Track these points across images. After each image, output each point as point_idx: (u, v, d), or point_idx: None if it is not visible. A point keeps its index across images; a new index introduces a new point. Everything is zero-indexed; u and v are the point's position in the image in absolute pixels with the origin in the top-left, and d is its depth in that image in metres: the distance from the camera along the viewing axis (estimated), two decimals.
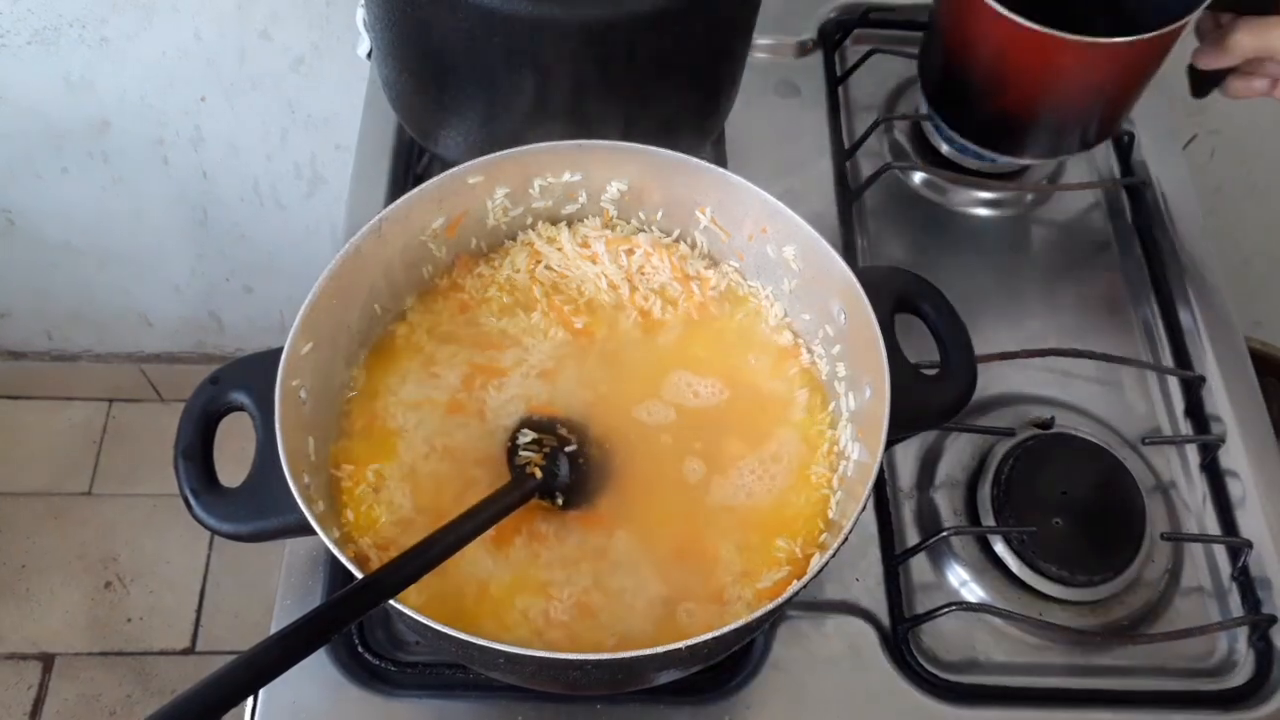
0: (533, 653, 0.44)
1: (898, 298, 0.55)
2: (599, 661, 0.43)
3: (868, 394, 0.53)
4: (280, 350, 0.50)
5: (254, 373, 0.51)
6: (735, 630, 0.43)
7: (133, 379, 1.57)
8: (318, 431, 0.53)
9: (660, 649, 0.42)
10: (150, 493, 1.54)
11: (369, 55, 0.77)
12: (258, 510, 0.49)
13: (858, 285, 0.53)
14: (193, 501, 0.49)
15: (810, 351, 0.60)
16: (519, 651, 0.43)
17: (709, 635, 0.43)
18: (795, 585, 0.47)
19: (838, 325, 0.56)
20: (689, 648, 0.42)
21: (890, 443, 0.50)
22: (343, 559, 0.45)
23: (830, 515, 0.54)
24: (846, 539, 0.46)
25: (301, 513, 0.46)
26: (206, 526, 0.49)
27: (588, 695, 0.59)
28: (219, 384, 0.52)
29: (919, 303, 0.55)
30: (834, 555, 0.47)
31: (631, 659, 0.42)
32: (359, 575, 0.45)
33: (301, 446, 0.51)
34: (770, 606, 0.45)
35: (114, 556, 1.50)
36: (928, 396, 0.53)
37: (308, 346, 0.51)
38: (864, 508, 0.47)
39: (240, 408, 0.52)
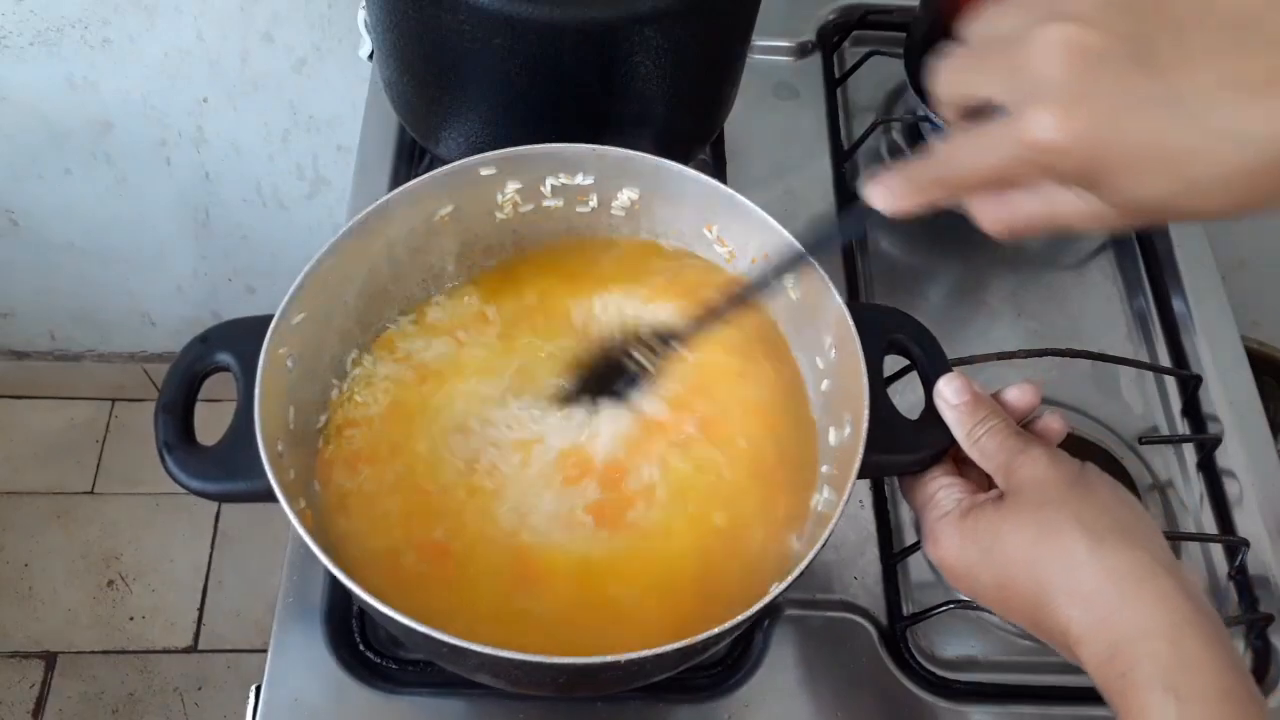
0: (497, 652, 0.42)
1: (890, 339, 0.55)
2: (537, 664, 0.43)
3: (847, 431, 0.53)
4: (272, 316, 0.50)
5: (243, 335, 0.51)
6: (677, 650, 0.43)
7: (135, 379, 1.58)
8: (300, 402, 0.53)
9: (575, 659, 0.42)
10: (153, 492, 1.55)
11: (370, 56, 0.77)
12: (229, 471, 0.49)
13: (851, 322, 0.52)
14: (166, 456, 0.49)
15: None
16: (494, 653, 0.42)
17: (646, 653, 0.43)
18: (746, 613, 0.45)
19: (827, 359, 0.56)
20: (627, 661, 0.43)
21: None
22: (300, 529, 0.45)
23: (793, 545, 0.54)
24: (802, 573, 0.46)
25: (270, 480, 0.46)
26: (178, 482, 0.49)
27: (582, 695, 0.59)
28: (207, 343, 0.52)
29: (910, 346, 0.54)
30: (786, 589, 0.46)
31: (566, 665, 0.43)
32: (315, 548, 0.44)
33: (281, 414, 0.50)
34: (716, 631, 0.44)
35: (116, 555, 1.50)
36: (907, 441, 0.52)
37: (300, 316, 0.51)
38: (828, 539, 0.46)
39: (225, 368, 0.52)
